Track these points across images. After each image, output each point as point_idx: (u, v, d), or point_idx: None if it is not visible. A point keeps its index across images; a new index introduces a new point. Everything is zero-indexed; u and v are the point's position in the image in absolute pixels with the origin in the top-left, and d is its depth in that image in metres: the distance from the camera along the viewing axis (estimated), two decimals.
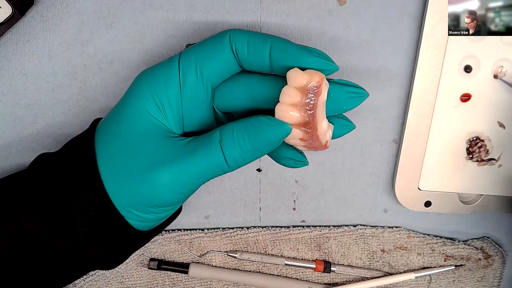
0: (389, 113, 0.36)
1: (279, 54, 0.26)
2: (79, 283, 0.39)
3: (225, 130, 0.26)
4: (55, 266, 0.29)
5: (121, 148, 0.27)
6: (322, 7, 0.33)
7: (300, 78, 0.25)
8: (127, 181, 0.27)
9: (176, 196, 0.27)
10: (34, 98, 0.34)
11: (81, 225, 0.28)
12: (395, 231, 0.39)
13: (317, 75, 0.25)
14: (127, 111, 0.27)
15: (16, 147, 0.35)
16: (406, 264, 0.40)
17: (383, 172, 0.38)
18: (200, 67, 0.26)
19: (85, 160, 0.28)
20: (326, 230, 0.39)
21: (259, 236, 0.39)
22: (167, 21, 0.33)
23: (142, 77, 0.28)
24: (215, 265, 0.40)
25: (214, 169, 0.26)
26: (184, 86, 0.27)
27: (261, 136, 0.26)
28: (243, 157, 0.26)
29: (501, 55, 0.34)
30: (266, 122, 0.26)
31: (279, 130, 0.25)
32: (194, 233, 0.39)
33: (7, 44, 0.33)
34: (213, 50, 0.27)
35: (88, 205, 0.27)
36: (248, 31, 0.27)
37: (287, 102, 0.25)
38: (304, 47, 0.26)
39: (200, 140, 0.27)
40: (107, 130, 0.28)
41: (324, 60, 0.26)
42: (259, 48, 0.26)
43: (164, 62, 0.28)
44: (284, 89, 0.25)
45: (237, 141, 0.26)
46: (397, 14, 0.33)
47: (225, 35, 0.27)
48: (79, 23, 0.33)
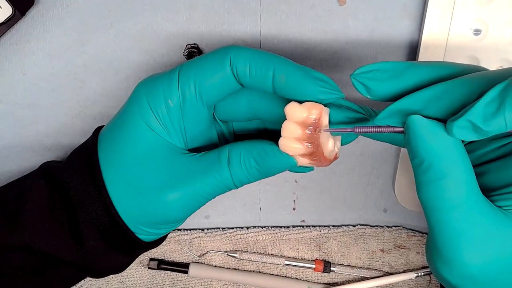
0: None
1: (282, 83, 0.25)
2: (79, 283, 0.39)
3: (233, 151, 0.26)
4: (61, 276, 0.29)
5: (128, 166, 0.27)
6: (322, 7, 0.33)
7: (299, 113, 0.25)
8: (136, 200, 0.27)
9: (184, 213, 0.28)
10: (35, 98, 0.34)
11: (88, 239, 0.28)
12: (395, 230, 0.39)
13: (315, 107, 0.25)
14: (129, 127, 0.27)
15: (16, 147, 0.35)
16: (406, 264, 0.40)
17: (383, 172, 0.38)
18: (199, 87, 0.26)
19: (91, 176, 0.27)
20: (326, 230, 0.39)
21: (259, 236, 0.39)
22: (167, 21, 0.33)
23: (141, 91, 0.27)
24: (215, 265, 0.40)
25: (222, 188, 0.27)
26: (184, 104, 0.26)
27: (267, 164, 0.26)
28: (249, 179, 0.27)
29: (501, 55, 0.34)
30: (273, 152, 0.26)
31: (285, 162, 0.26)
32: (194, 233, 0.39)
33: (8, 44, 0.33)
34: (213, 71, 0.26)
35: (95, 220, 0.27)
36: (250, 51, 0.26)
37: (289, 137, 0.25)
38: (308, 73, 0.25)
39: (208, 159, 0.27)
40: (110, 146, 0.28)
41: (328, 89, 0.25)
42: (261, 74, 0.25)
43: (164, 77, 0.27)
44: (284, 125, 0.25)
45: (243, 165, 0.26)
46: (397, 14, 0.33)
47: (226, 57, 0.26)
48: (80, 23, 0.33)
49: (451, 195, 0.21)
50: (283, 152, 0.26)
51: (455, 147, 0.22)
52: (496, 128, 0.20)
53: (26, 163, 0.36)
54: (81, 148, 0.29)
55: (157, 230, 0.29)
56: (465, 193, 0.21)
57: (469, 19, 0.33)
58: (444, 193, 0.21)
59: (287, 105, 0.25)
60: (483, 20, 0.33)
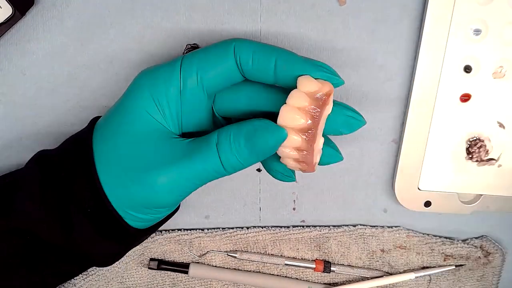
0: (389, 113, 0.36)
1: (284, 67, 0.26)
2: (79, 283, 0.39)
3: (222, 133, 0.26)
4: (51, 263, 0.29)
5: (119, 148, 0.27)
6: (322, 7, 0.33)
7: (312, 84, 0.25)
8: (124, 182, 0.27)
9: (172, 198, 0.27)
10: (35, 98, 0.34)
11: (77, 222, 0.28)
12: (395, 230, 0.39)
13: (328, 85, 0.26)
14: (126, 111, 0.27)
15: (16, 147, 0.35)
16: (405, 264, 0.40)
17: (383, 172, 0.38)
18: (201, 75, 0.26)
19: (82, 158, 0.28)
20: (326, 230, 0.39)
21: (259, 236, 0.39)
22: (167, 21, 0.33)
23: (142, 77, 0.28)
24: (215, 265, 0.40)
25: (211, 172, 0.26)
26: (184, 90, 0.27)
27: (257, 140, 0.25)
28: (240, 161, 0.26)
29: (500, 55, 0.34)
30: (263, 126, 0.25)
31: (276, 135, 0.25)
32: (194, 233, 0.39)
33: (8, 44, 0.33)
34: (217, 59, 0.26)
35: (84, 202, 0.27)
36: (253, 42, 0.27)
37: (294, 105, 0.25)
38: (309, 61, 0.26)
39: (197, 143, 0.26)
40: (105, 128, 0.28)
41: (329, 74, 0.26)
42: (264, 61, 0.26)
43: (166, 64, 0.27)
44: (293, 92, 0.25)
45: (233, 145, 0.26)
46: (397, 14, 0.34)
47: (230, 45, 0.26)
48: (80, 23, 0.33)
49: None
50: (274, 125, 0.25)
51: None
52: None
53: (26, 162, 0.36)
54: (76, 134, 0.30)
55: (144, 215, 0.28)
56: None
57: (469, 19, 0.33)
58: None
59: (301, 76, 0.25)
60: (483, 20, 0.33)
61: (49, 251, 0.29)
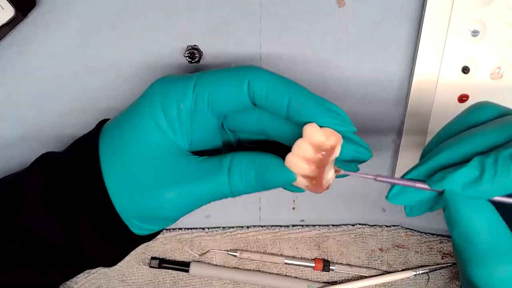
0: (388, 113, 0.36)
1: (297, 109, 0.25)
2: (80, 281, 0.39)
3: (234, 160, 0.26)
4: (54, 262, 0.30)
5: (127, 159, 0.27)
6: (321, 9, 0.33)
7: (317, 136, 0.25)
8: (133, 195, 0.27)
9: (178, 213, 0.28)
10: (37, 99, 0.34)
11: (83, 229, 0.28)
12: (393, 230, 0.40)
13: (334, 136, 0.25)
14: (136, 122, 0.27)
15: (19, 147, 0.36)
16: (404, 263, 0.40)
17: (382, 172, 0.38)
18: (212, 100, 0.26)
19: (89, 164, 0.28)
20: (325, 229, 0.39)
21: (259, 235, 0.39)
22: (169, 22, 0.33)
23: (155, 89, 0.27)
24: (216, 264, 0.40)
25: (218, 194, 0.27)
26: (195, 110, 0.27)
27: (266, 177, 0.26)
28: (247, 189, 0.27)
29: (498, 56, 0.34)
30: (275, 165, 0.26)
31: (285, 177, 0.26)
32: (195, 232, 0.39)
33: (10, 46, 0.33)
34: (230, 89, 0.26)
35: (90, 209, 0.28)
36: (268, 77, 0.26)
37: (299, 155, 0.25)
38: (322, 104, 0.26)
39: (209, 164, 0.27)
40: (113, 136, 0.28)
41: (341, 122, 0.26)
42: (277, 99, 0.26)
43: (180, 79, 0.27)
44: (299, 142, 0.25)
45: (243, 175, 0.26)
46: (395, 16, 0.34)
47: (245, 78, 0.26)
48: (81, 24, 0.33)
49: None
50: (285, 167, 0.26)
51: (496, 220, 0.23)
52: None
53: (28, 163, 0.36)
54: (82, 138, 0.30)
55: (149, 226, 0.29)
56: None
57: (467, 21, 0.33)
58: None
59: (307, 124, 0.25)
60: (481, 21, 0.33)
61: (53, 251, 0.29)
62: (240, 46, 0.34)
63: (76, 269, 0.31)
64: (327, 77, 0.35)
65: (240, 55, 0.34)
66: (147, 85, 0.35)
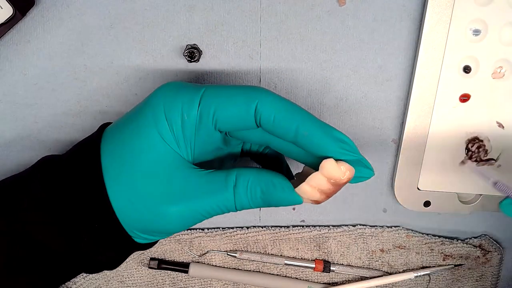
0: (388, 113, 0.36)
1: (304, 137, 0.26)
2: (79, 281, 0.39)
3: (240, 177, 0.26)
4: (53, 265, 0.29)
5: (132, 170, 0.27)
6: (321, 8, 0.33)
7: (335, 173, 0.25)
8: (137, 208, 0.27)
9: (181, 226, 0.28)
10: (35, 98, 0.34)
11: (84, 234, 0.28)
12: (394, 230, 0.40)
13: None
14: (139, 131, 0.27)
15: (17, 146, 0.36)
16: (405, 264, 0.40)
17: (383, 172, 0.38)
18: (217, 117, 0.26)
19: (91, 172, 0.27)
20: (325, 230, 0.39)
21: (259, 236, 0.39)
22: (167, 21, 0.33)
23: (160, 98, 0.27)
24: (215, 264, 0.40)
25: (222, 208, 0.27)
26: (200, 124, 0.26)
27: (273, 197, 0.26)
28: (251, 205, 0.27)
29: (500, 55, 0.34)
30: (282, 187, 0.26)
31: (293, 200, 0.26)
32: (194, 232, 0.39)
33: (8, 45, 0.33)
34: (236, 110, 0.26)
35: (92, 218, 0.27)
36: (277, 102, 0.26)
37: (314, 186, 0.26)
38: (330, 133, 0.26)
39: (214, 178, 0.27)
40: (116, 144, 0.27)
41: (349, 151, 0.26)
42: (285, 127, 0.26)
43: (187, 92, 0.27)
44: (316, 175, 0.25)
45: (249, 192, 0.26)
46: (396, 15, 0.34)
47: (253, 101, 0.26)
48: (80, 23, 0.33)
49: None
50: (293, 191, 0.26)
51: None
52: None
53: (26, 162, 0.36)
54: (84, 144, 0.29)
55: (152, 236, 0.29)
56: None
57: (468, 20, 0.33)
58: None
59: (325, 160, 0.25)
60: (483, 20, 0.33)
61: (53, 256, 0.29)
62: (240, 45, 0.34)
63: (75, 270, 0.31)
64: (328, 76, 0.35)
65: (239, 54, 0.34)
66: (145, 85, 0.35)
